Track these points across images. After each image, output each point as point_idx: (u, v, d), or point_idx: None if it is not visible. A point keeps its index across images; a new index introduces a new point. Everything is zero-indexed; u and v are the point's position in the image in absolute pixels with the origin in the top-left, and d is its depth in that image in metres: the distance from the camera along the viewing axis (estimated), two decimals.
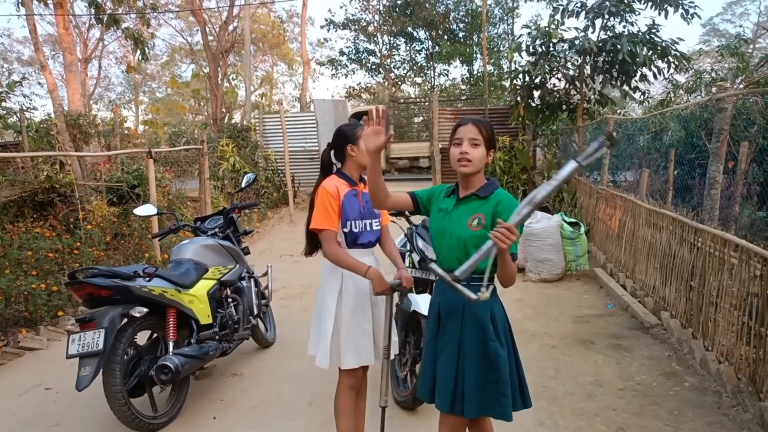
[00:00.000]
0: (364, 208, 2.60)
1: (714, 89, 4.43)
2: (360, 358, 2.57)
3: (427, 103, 14.27)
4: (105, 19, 9.00)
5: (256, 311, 4.22)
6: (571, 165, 1.83)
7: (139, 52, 9.90)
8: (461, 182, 2.13)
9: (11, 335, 4.72)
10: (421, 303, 3.16)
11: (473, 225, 2.01)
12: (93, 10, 9.23)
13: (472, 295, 1.81)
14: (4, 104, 7.40)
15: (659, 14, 8.63)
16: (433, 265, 1.92)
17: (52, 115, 9.26)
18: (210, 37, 20.99)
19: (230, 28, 21.48)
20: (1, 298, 4.66)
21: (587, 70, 9.29)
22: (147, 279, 3.26)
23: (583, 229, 6.45)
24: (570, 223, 6.45)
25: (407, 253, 3.81)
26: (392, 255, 2.76)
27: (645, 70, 8.87)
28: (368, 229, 2.62)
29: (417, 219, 3.45)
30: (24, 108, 8.77)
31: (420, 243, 3.72)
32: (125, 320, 3.15)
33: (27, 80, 9.04)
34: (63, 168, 8.12)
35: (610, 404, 3.40)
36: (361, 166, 2.61)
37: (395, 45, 24.25)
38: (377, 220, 2.67)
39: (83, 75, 22.48)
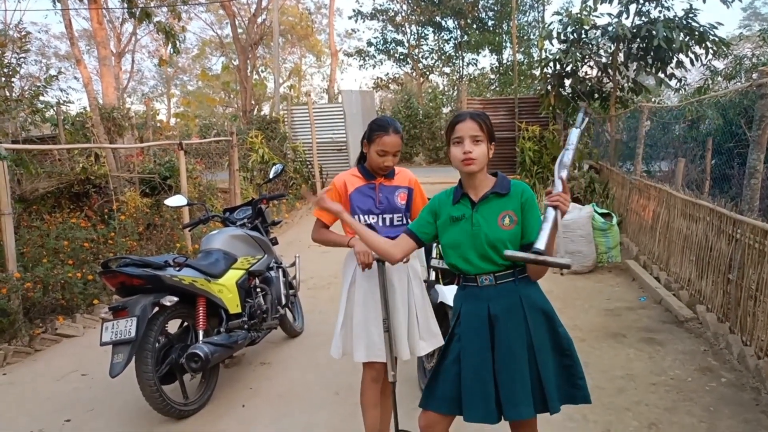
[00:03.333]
0: (381, 202, 2.55)
1: (755, 75, 4.25)
2: (369, 353, 2.50)
3: None
4: (137, 13, 9.14)
5: (284, 301, 4.25)
6: (576, 132, 1.98)
7: (170, 45, 10.04)
8: (467, 183, 2.01)
9: (49, 322, 4.88)
10: (449, 294, 3.13)
11: (505, 224, 1.93)
12: (126, 5, 9.38)
13: (567, 261, 1.73)
14: (42, 98, 7.59)
15: None
16: (509, 252, 1.81)
17: (88, 109, 9.49)
18: (239, 30, 21.16)
19: (259, 20, 21.62)
20: (39, 286, 4.81)
21: (621, 57, 9.04)
22: (177, 268, 3.32)
23: (615, 221, 6.30)
24: (602, 214, 6.31)
25: (435, 245, 3.77)
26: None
27: (681, 56, 8.58)
28: (386, 224, 2.55)
29: None
30: (60, 101, 8.97)
31: None
32: (156, 309, 3.21)
33: (63, 74, 9.24)
34: (98, 160, 8.33)
35: (641, 399, 3.32)
36: (371, 164, 2.55)
37: (423, 35, 24.08)
38: (399, 214, 2.58)
39: (117, 69, 22.97)
